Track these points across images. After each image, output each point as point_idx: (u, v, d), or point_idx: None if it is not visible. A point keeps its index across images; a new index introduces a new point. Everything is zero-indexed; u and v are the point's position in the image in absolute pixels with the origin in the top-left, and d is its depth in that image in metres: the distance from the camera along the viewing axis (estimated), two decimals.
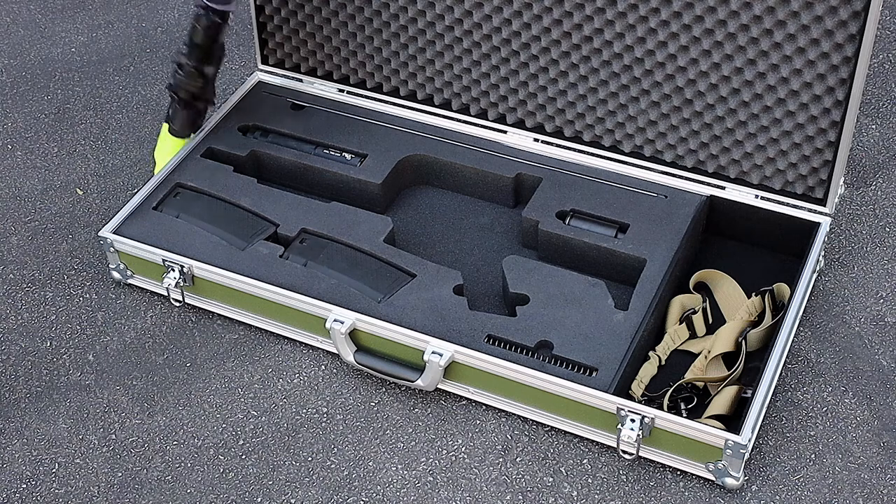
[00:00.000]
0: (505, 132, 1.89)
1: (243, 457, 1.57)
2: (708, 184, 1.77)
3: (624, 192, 1.76)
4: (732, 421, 1.49)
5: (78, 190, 2.00)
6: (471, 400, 1.62)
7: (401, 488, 1.52)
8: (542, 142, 1.86)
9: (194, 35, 1.78)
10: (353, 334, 1.62)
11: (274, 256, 1.71)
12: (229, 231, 1.75)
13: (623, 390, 1.53)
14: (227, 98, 2.04)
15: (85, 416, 1.63)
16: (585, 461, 1.54)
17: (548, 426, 1.58)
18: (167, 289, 1.72)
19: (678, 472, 1.52)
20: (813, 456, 1.53)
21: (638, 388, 1.57)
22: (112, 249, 1.75)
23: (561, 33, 1.75)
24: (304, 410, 1.62)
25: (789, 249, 1.72)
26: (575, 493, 1.51)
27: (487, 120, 1.90)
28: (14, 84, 2.24)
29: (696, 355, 1.62)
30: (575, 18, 1.72)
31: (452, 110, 1.93)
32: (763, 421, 1.54)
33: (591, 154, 1.83)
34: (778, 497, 1.49)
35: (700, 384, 1.58)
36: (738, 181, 1.76)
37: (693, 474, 1.51)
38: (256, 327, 1.73)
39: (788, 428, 1.57)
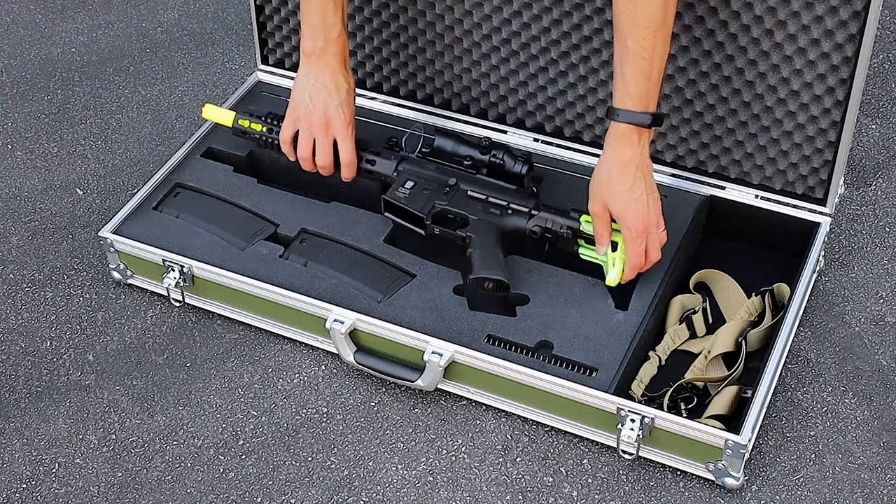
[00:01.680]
0: (505, 132, 1.89)
1: (243, 457, 1.57)
2: (708, 184, 1.77)
3: None
4: (732, 421, 1.49)
5: (78, 190, 2.00)
6: (471, 400, 1.62)
7: (401, 488, 1.52)
8: (542, 142, 1.86)
9: None
10: (353, 334, 1.62)
11: (274, 256, 1.71)
12: (229, 231, 1.75)
13: (623, 390, 1.53)
14: (226, 98, 2.04)
15: (85, 416, 1.63)
16: (585, 461, 1.54)
17: (548, 426, 1.58)
18: (167, 289, 1.72)
19: (678, 472, 1.52)
20: (813, 456, 1.53)
21: (638, 388, 1.57)
22: (112, 249, 1.75)
23: (560, 33, 1.75)
24: (304, 410, 1.62)
25: (789, 249, 1.72)
26: (575, 493, 1.51)
27: (487, 120, 1.90)
28: (14, 84, 2.24)
29: (696, 355, 1.62)
30: (574, 18, 1.72)
31: (452, 110, 1.93)
32: (763, 421, 1.54)
33: (591, 154, 1.82)
34: (778, 497, 1.49)
35: (700, 384, 1.58)
36: (739, 181, 1.76)
37: (693, 474, 1.51)
38: (256, 327, 1.73)
39: (788, 428, 1.57)
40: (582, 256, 1.64)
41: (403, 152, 1.74)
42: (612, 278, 1.57)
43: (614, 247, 1.57)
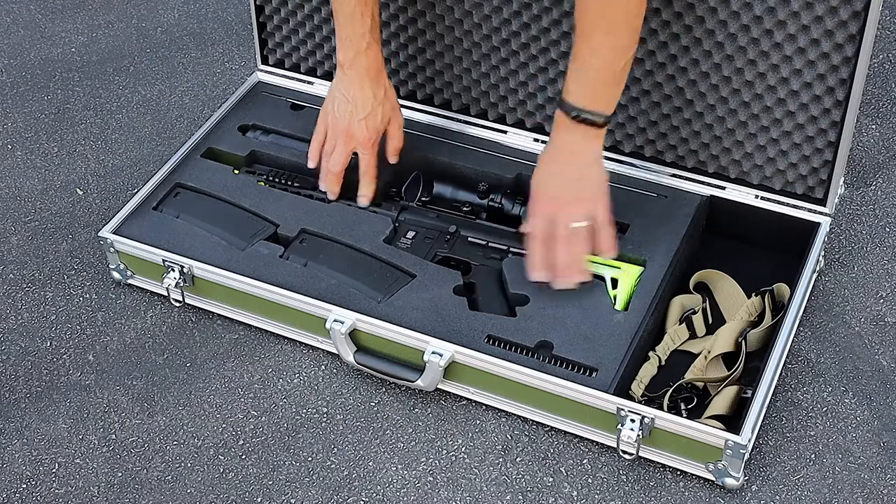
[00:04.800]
0: (505, 132, 1.89)
1: (243, 457, 1.57)
2: (708, 184, 1.77)
3: (624, 192, 1.76)
4: (732, 421, 1.49)
5: (78, 190, 2.00)
6: (471, 400, 1.62)
7: (401, 488, 1.52)
8: (542, 142, 1.86)
9: None
10: (353, 334, 1.62)
11: (274, 256, 1.71)
12: (229, 231, 1.75)
13: (623, 390, 1.53)
14: (226, 98, 2.04)
15: (85, 416, 1.63)
16: (585, 461, 1.54)
17: (548, 426, 1.58)
18: (167, 289, 1.72)
19: (678, 472, 1.52)
20: (813, 456, 1.53)
21: (638, 388, 1.57)
22: (112, 249, 1.75)
23: (560, 33, 1.75)
24: (304, 410, 1.62)
25: (789, 249, 1.72)
26: (575, 493, 1.51)
27: (487, 120, 1.90)
28: (14, 84, 2.24)
29: (696, 355, 1.62)
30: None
31: (452, 110, 1.93)
32: (763, 421, 1.54)
33: None
34: (778, 497, 1.49)
35: (700, 384, 1.58)
36: (739, 181, 1.76)
37: (693, 474, 1.51)
38: (256, 327, 1.73)
39: (788, 428, 1.57)
40: None
41: (403, 201, 1.78)
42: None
43: (615, 283, 1.62)
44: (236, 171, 1.86)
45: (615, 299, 1.62)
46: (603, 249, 1.60)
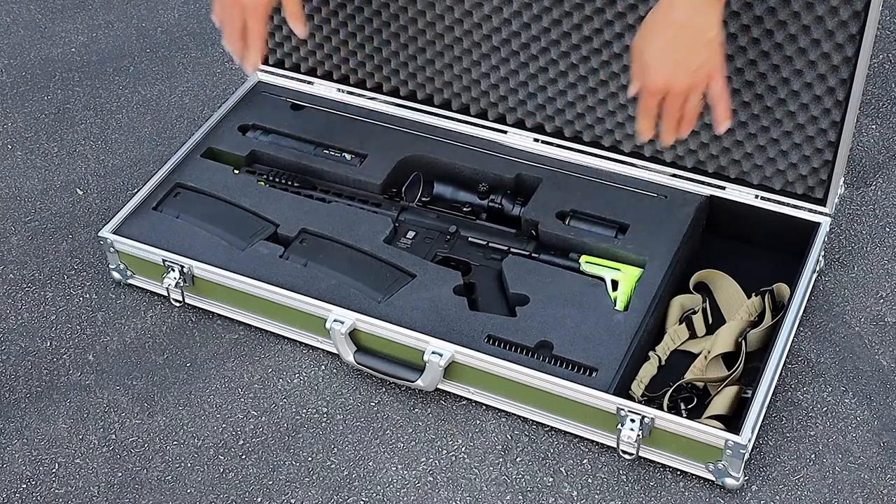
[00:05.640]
0: (505, 132, 1.89)
1: (243, 457, 1.57)
2: (708, 184, 1.77)
3: (624, 192, 1.76)
4: (732, 421, 1.49)
5: (78, 190, 2.00)
6: (471, 400, 1.62)
7: (401, 488, 1.52)
8: (542, 142, 1.86)
9: None
10: (353, 334, 1.62)
11: (274, 256, 1.71)
12: (229, 231, 1.75)
13: (623, 390, 1.53)
14: (226, 98, 2.04)
15: (85, 416, 1.63)
16: (585, 461, 1.54)
17: (548, 426, 1.58)
18: (167, 289, 1.72)
19: (678, 472, 1.52)
20: (813, 456, 1.54)
21: (638, 388, 1.57)
22: (112, 249, 1.75)
23: (560, 33, 1.75)
24: (304, 410, 1.62)
25: (789, 249, 1.72)
26: (575, 493, 1.51)
27: (487, 120, 1.90)
28: (14, 84, 2.24)
29: (696, 355, 1.62)
30: (574, 18, 1.72)
31: (452, 110, 1.92)
32: (763, 421, 1.54)
33: (591, 154, 1.82)
34: (778, 497, 1.49)
35: (700, 384, 1.58)
36: (739, 181, 1.76)
37: (693, 474, 1.51)
38: (256, 327, 1.73)
39: (788, 428, 1.57)
40: (583, 270, 1.67)
41: (403, 202, 1.79)
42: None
43: (615, 286, 1.62)
44: (236, 171, 1.86)
45: (615, 301, 1.62)
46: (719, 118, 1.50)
